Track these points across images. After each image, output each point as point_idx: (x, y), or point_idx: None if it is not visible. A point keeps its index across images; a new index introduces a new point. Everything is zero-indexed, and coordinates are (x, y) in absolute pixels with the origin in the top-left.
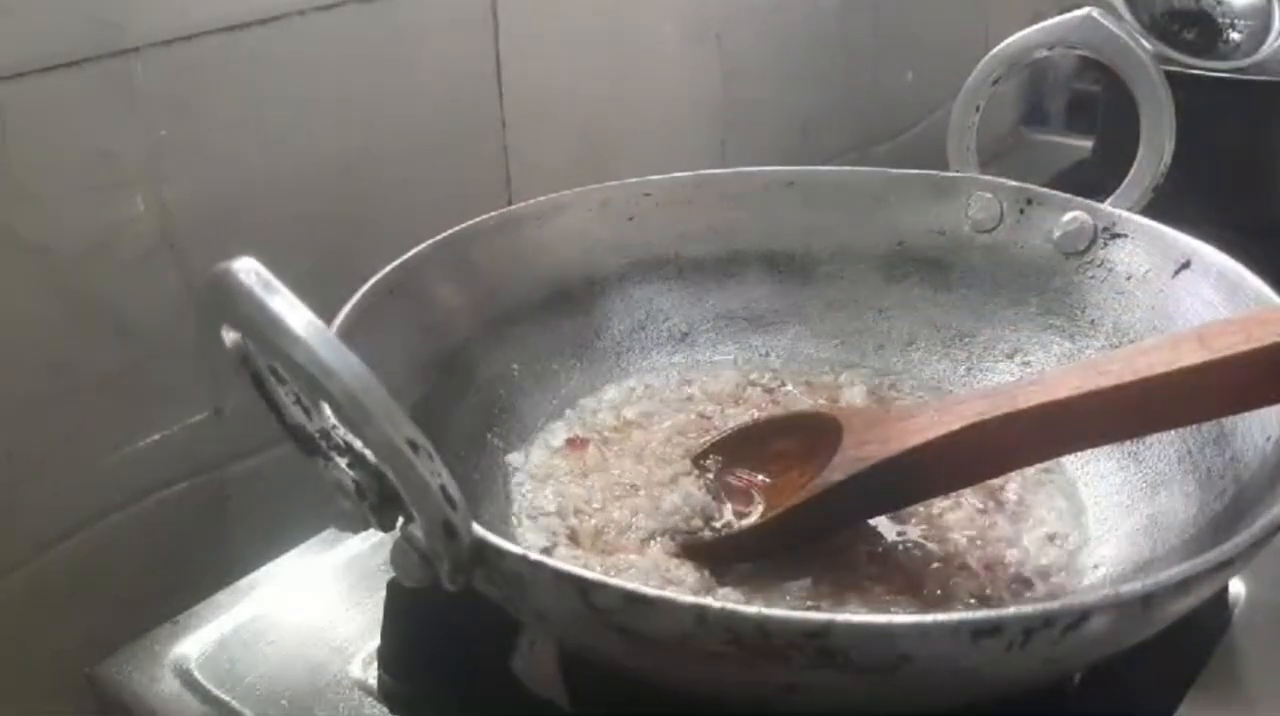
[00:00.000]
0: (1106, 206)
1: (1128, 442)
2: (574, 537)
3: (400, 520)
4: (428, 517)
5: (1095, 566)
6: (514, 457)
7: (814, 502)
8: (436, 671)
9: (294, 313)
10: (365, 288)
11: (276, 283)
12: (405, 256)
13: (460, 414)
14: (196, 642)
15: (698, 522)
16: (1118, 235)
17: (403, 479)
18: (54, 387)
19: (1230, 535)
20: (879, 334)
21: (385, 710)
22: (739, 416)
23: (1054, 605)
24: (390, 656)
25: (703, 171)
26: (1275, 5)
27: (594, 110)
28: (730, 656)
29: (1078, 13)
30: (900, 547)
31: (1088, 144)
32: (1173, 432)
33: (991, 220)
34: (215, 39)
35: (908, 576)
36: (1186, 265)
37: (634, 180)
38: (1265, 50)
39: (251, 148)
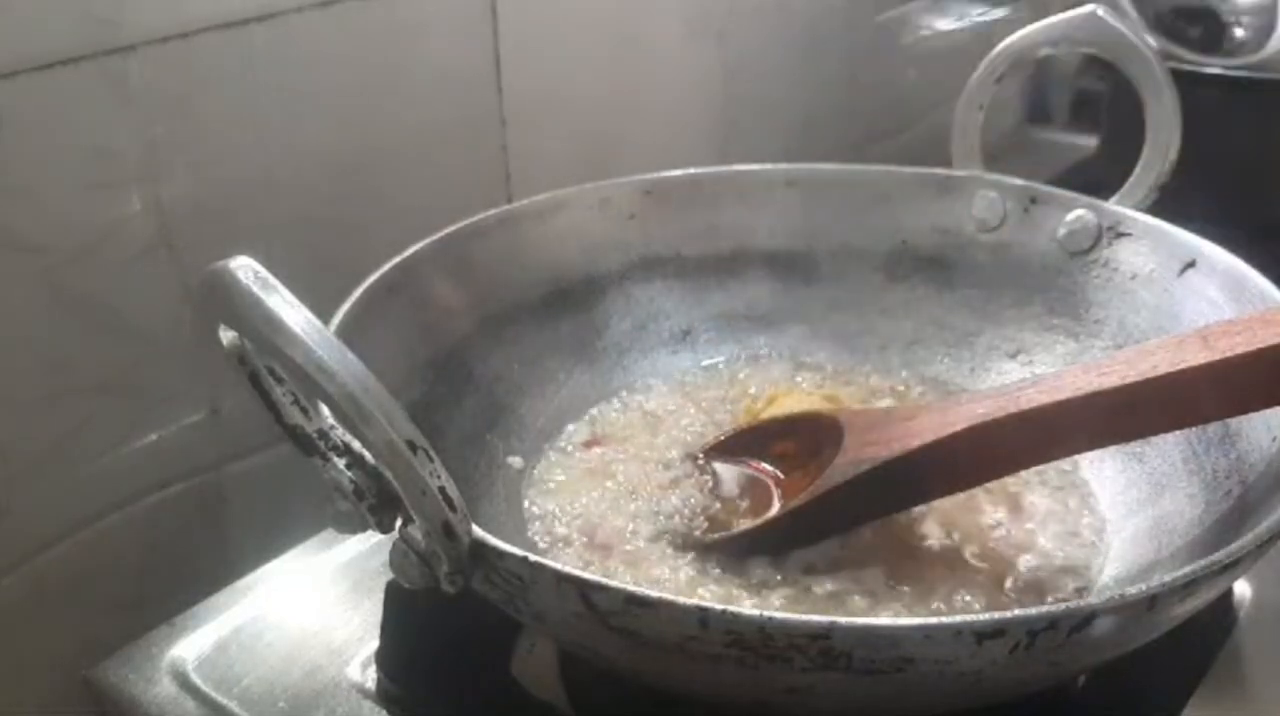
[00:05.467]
0: (1111, 205)
1: (1132, 444)
2: (574, 539)
3: (399, 521)
4: (426, 519)
5: (1100, 568)
6: (513, 458)
7: (816, 504)
8: (435, 673)
9: (292, 311)
10: (363, 286)
11: (274, 281)
12: (404, 255)
13: (459, 414)
14: (194, 644)
15: (698, 524)
16: (1122, 234)
17: (401, 480)
18: (50, 387)
19: (1236, 536)
20: (881, 333)
21: (384, 712)
22: (741, 417)
23: (1058, 607)
24: (389, 658)
25: (704, 169)
26: (1279, 3)
27: (594, 107)
28: (732, 658)
29: (1082, 10)
30: (907, 548)
31: (1092, 142)
32: (1177, 433)
33: (995, 219)
34: (212, 36)
35: (914, 577)
36: (1192, 265)
37: (635, 178)
38: (1270, 47)
39: (249, 146)
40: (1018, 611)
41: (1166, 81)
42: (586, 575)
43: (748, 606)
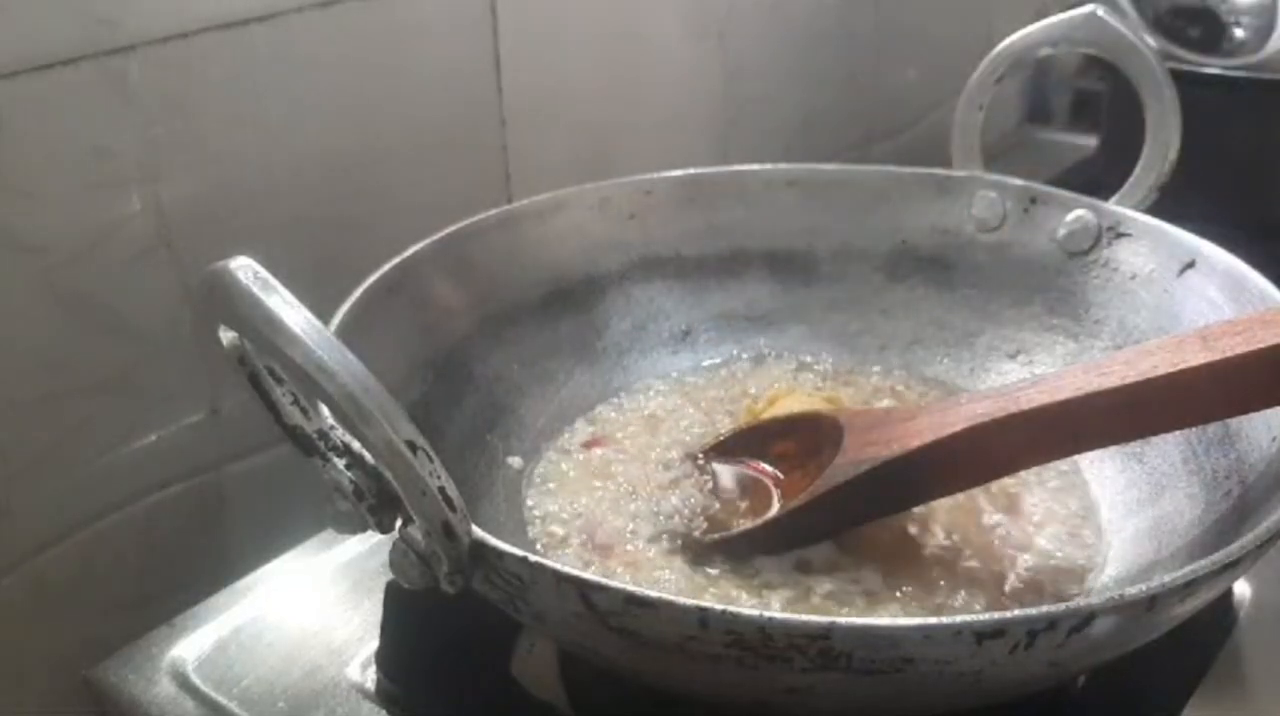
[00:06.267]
0: (1111, 205)
1: (1131, 444)
2: (574, 539)
3: (399, 521)
4: (426, 519)
5: (1100, 568)
6: (513, 458)
7: (816, 504)
8: (435, 674)
9: (291, 312)
10: (363, 286)
11: (274, 282)
12: (403, 255)
13: (459, 414)
14: (193, 645)
15: (698, 524)
16: (1122, 234)
17: (401, 480)
18: (49, 388)
19: (1235, 536)
20: (882, 334)
21: (383, 712)
22: (741, 417)
23: (1058, 607)
24: (388, 659)
25: (704, 169)
26: (1279, 3)
27: (594, 107)
28: (732, 658)
29: (1082, 10)
30: (906, 548)
31: (1092, 142)
32: (1177, 434)
33: (995, 219)
34: (212, 37)
35: (914, 577)
36: (1191, 265)
37: (635, 178)
38: (1270, 48)
39: (248, 146)
40: (1018, 611)
41: (1166, 81)
42: (586, 575)
43: (748, 606)
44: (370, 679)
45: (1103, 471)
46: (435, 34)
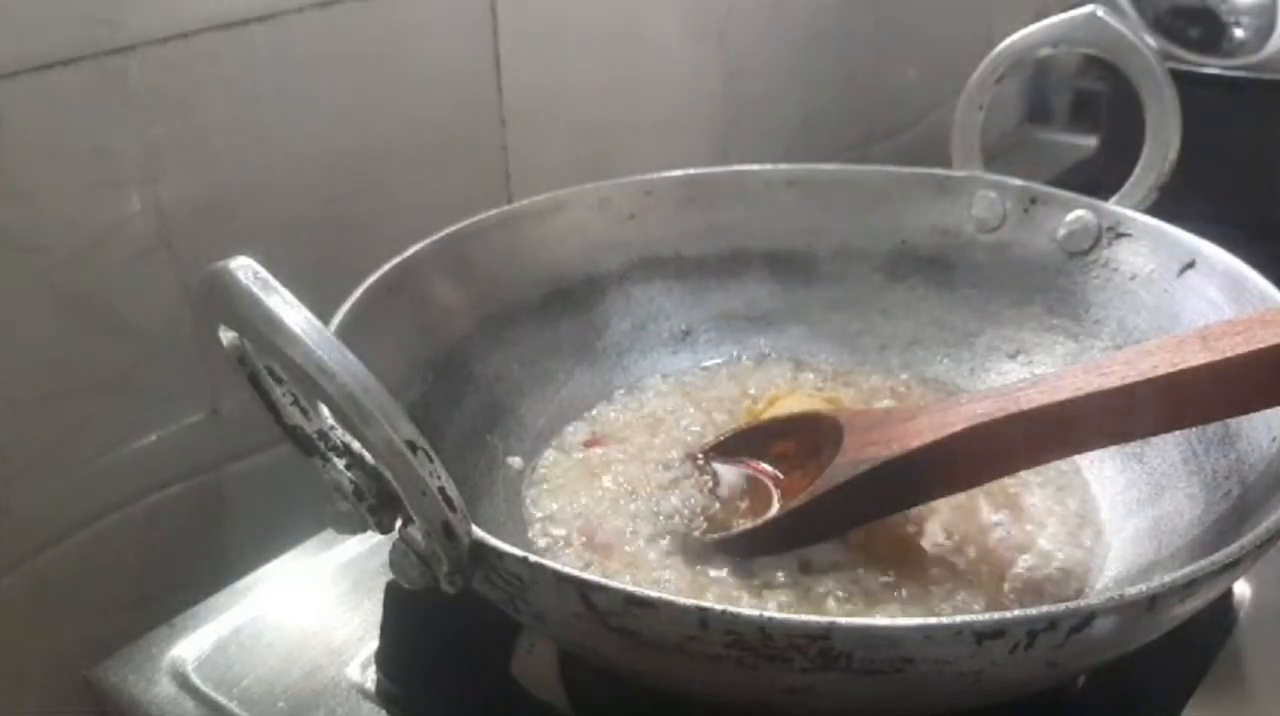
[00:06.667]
0: (1111, 205)
1: (1131, 444)
2: (574, 539)
3: (399, 521)
4: (426, 519)
5: (1100, 568)
6: (513, 459)
7: (815, 504)
8: (435, 674)
9: (291, 312)
10: (363, 286)
11: (274, 282)
12: (403, 255)
13: (459, 414)
14: (193, 645)
15: (698, 524)
16: (1122, 234)
17: (401, 480)
18: (49, 388)
19: (1235, 537)
20: (881, 334)
21: (383, 712)
22: (741, 417)
23: (1058, 607)
24: (388, 659)
25: (704, 170)
26: (1279, 3)
27: (594, 107)
28: (732, 658)
29: (1082, 10)
30: (906, 548)
31: (1092, 142)
32: (1177, 433)
33: (995, 219)
34: (212, 37)
35: (914, 577)
36: (1191, 265)
37: (635, 178)
38: (1270, 47)
39: (248, 146)
40: (1018, 611)
41: (1166, 81)
42: (586, 575)
43: (747, 606)
44: (370, 679)
45: (1103, 471)
46: (435, 34)
